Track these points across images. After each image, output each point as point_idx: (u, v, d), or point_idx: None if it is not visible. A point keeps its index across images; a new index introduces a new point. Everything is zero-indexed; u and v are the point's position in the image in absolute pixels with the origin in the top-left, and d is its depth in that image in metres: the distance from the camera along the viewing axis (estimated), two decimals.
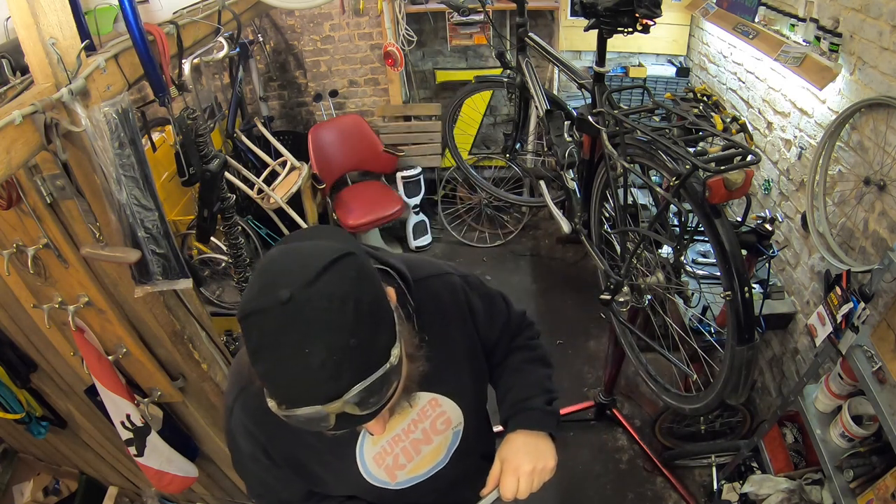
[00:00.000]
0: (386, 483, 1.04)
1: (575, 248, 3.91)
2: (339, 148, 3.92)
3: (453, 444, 1.08)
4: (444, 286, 1.02)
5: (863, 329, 1.42)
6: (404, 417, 1.00)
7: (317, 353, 0.64)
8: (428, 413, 1.02)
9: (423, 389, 0.93)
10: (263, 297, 0.66)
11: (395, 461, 1.02)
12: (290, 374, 0.65)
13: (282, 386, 0.68)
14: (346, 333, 0.65)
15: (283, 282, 0.66)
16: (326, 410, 0.66)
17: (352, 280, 0.68)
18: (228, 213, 2.54)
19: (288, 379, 0.66)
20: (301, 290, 0.65)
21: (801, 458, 2.02)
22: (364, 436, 0.98)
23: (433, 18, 3.95)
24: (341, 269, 0.68)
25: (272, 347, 0.65)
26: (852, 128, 1.83)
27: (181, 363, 1.38)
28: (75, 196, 1.02)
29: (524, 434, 1.02)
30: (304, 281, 0.65)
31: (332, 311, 0.65)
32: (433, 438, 1.04)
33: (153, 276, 1.09)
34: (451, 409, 1.04)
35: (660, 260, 1.74)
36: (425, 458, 1.05)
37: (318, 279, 0.66)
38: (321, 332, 0.64)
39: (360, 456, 0.99)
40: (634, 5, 1.60)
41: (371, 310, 0.68)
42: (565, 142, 2.31)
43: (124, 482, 2.27)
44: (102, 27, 1.13)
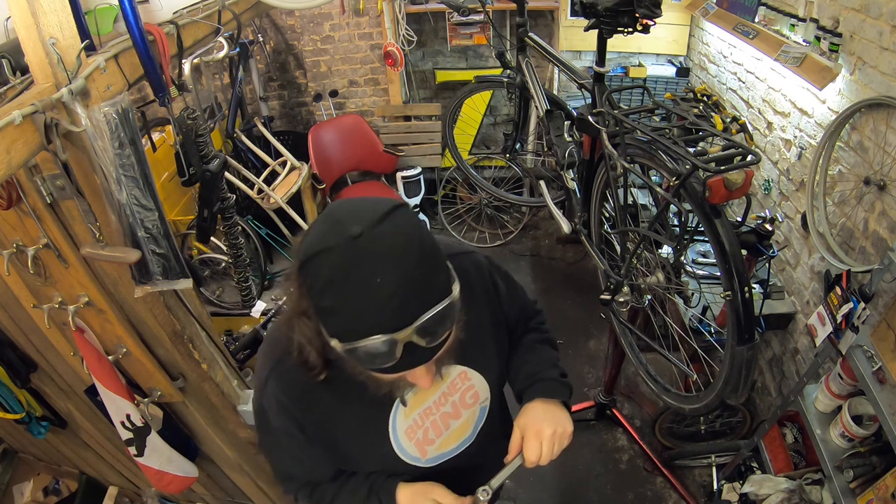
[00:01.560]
0: (416, 459, 1.06)
1: (575, 248, 3.91)
2: (339, 148, 3.92)
3: (480, 420, 1.11)
4: (471, 263, 1.05)
5: (863, 329, 1.42)
6: (435, 390, 1.03)
7: (387, 283, 0.67)
8: (458, 386, 1.05)
9: (455, 362, 0.99)
10: (332, 236, 0.70)
11: (425, 435, 1.04)
12: (361, 305, 0.68)
13: (352, 318, 0.70)
14: (413, 266, 0.69)
15: (352, 221, 0.69)
16: (397, 338, 0.69)
17: (414, 223, 0.74)
18: (228, 213, 2.55)
19: (359, 310, 0.68)
20: (371, 227, 0.69)
21: (801, 458, 2.02)
22: (397, 408, 1.00)
23: (433, 18, 3.95)
24: (404, 213, 0.74)
25: (342, 281, 0.68)
26: (852, 128, 1.83)
27: (181, 363, 1.38)
28: (75, 196, 1.02)
29: (542, 402, 1.06)
30: (373, 220, 0.70)
31: (401, 246, 0.70)
32: (462, 412, 1.07)
33: (153, 276, 1.09)
34: (479, 384, 1.07)
35: (660, 260, 1.74)
36: (454, 434, 1.08)
37: (386, 219, 0.70)
38: (391, 265, 0.68)
39: (394, 429, 1.01)
40: (634, 5, 1.60)
41: (433, 250, 0.74)
42: (565, 142, 2.31)
43: (124, 482, 2.27)
44: (102, 27, 1.13)
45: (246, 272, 2.95)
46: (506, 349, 1.15)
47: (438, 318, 0.71)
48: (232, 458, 1.76)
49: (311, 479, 1.09)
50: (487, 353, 1.09)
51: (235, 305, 3.46)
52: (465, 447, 1.11)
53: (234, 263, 2.87)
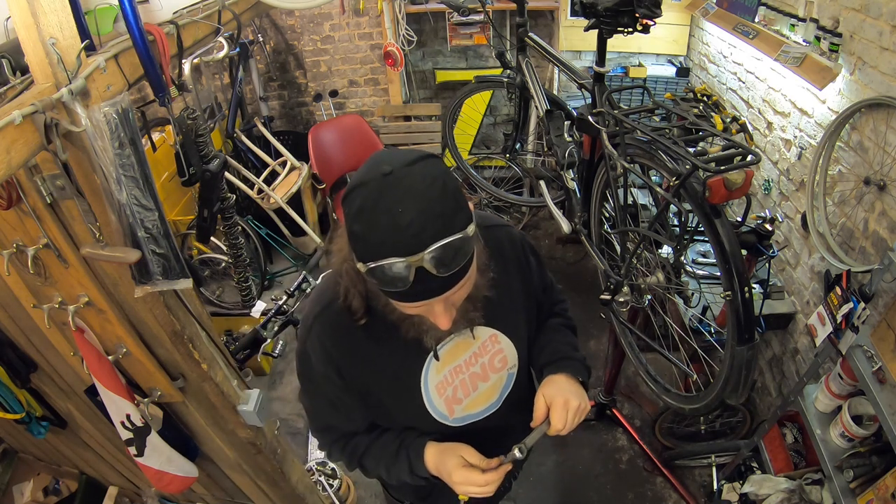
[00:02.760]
0: (444, 417, 1.12)
1: (575, 248, 3.91)
2: (339, 148, 3.92)
3: (507, 386, 1.17)
4: (507, 236, 1.13)
5: (863, 329, 1.42)
6: (467, 348, 1.09)
7: (407, 213, 0.75)
8: (488, 348, 1.12)
9: (486, 324, 1.07)
10: (369, 173, 0.79)
11: (454, 393, 1.10)
12: (382, 229, 0.76)
13: (373, 241, 0.78)
14: (433, 202, 0.77)
15: (387, 162, 0.79)
16: (410, 262, 0.76)
17: (442, 169, 0.82)
18: (228, 213, 2.55)
19: (380, 234, 0.77)
20: (400, 167, 0.78)
21: (801, 458, 2.02)
22: (430, 362, 1.06)
23: (433, 18, 3.95)
24: (435, 161, 0.83)
25: (370, 210, 0.77)
26: (852, 128, 1.83)
27: (181, 363, 1.38)
28: (75, 196, 1.02)
29: (566, 377, 1.12)
30: (404, 162, 0.79)
31: (425, 184, 0.78)
32: (490, 375, 1.14)
33: (153, 276, 1.09)
34: (508, 349, 1.14)
35: (660, 260, 1.74)
36: (481, 396, 1.14)
37: (416, 163, 0.80)
38: (413, 198, 0.76)
39: (426, 382, 1.07)
40: (634, 5, 1.60)
41: (455, 193, 0.81)
42: (565, 142, 2.31)
43: (124, 482, 2.27)
44: (102, 27, 1.13)
45: (246, 272, 2.96)
46: (534, 321, 1.21)
47: (450, 249, 0.77)
48: (232, 458, 1.76)
49: (347, 429, 1.16)
50: (518, 320, 1.15)
51: (235, 305, 3.46)
52: (491, 411, 1.17)
53: (234, 263, 2.87)
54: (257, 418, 1.53)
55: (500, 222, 1.16)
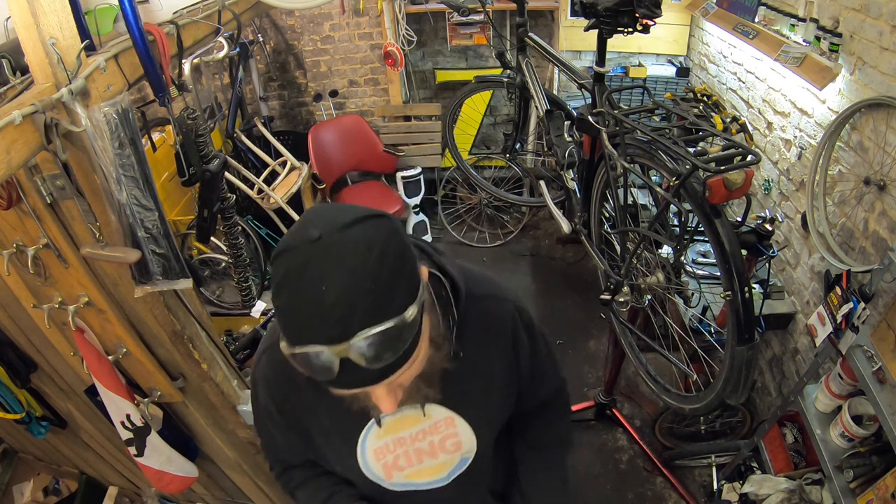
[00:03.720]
0: (380, 479, 1.03)
1: (575, 248, 3.91)
2: (339, 148, 3.92)
3: (458, 468, 1.05)
4: (498, 310, 0.98)
5: (863, 329, 1.42)
6: (415, 424, 0.98)
7: (332, 290, 0.64)
8: (440, 429, 0.99)
9: (445, 405, 0.95)
10: (296, 237, 0.68)
11: (394, 461, 1.01)
12: (303, 309, 0.66)
13: (293, 321, 0.68)
14: (364, 278, 0.65)
15: (318, 224, 0.68)
16: (331, 352, 0.66)
17: (384, 235, 0.69)
18: (228, 213, 2.54)
19: (300, 314, 0.66)
20: (331, 232, 0.66)
21: (801, 458, 2.02)
22: (371, 426, 0.97)
23: (433, 18, 3.95)
24: (376, 224, 0.69)
25: (293, 282, 0.66)
26: (852, 128, 1.83)
27: (181, 363, 1.38)
28: (75, 196, 1.02)
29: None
30: (336, 226, 0.67)
31: (357, 254, 0.66)
32: (438, 455, 1.02)
33: (153, 276, 1.09)
34: (465, 435, 1.01)
35: (660, 260, 1.74)
36: (425, 471, 1.04)
37: (351, 227, 0.67)
38: (341, 272, 0.65)
39: (363, 444, 0.98)
40: (634, 5, 1.60)
41: (395, 265, 0.68)
42: (565, 142, 2.31)
43: (124, 482, 2.27)
44: (102, 27, 1.13)
45: (246, 272, 2.95)
46: (512, 408, 1.07)
47: (383, 338, 0.66)
48: (232, 458, 1.76)
49: (286, 459, 1.12)
50: (487, 404, 1.01)
51: (235, 305, 3.46)
52: (437, 486, 1.06)
53: (234, 263, 2.87)
54: None
55: (500, 294, 1.00)
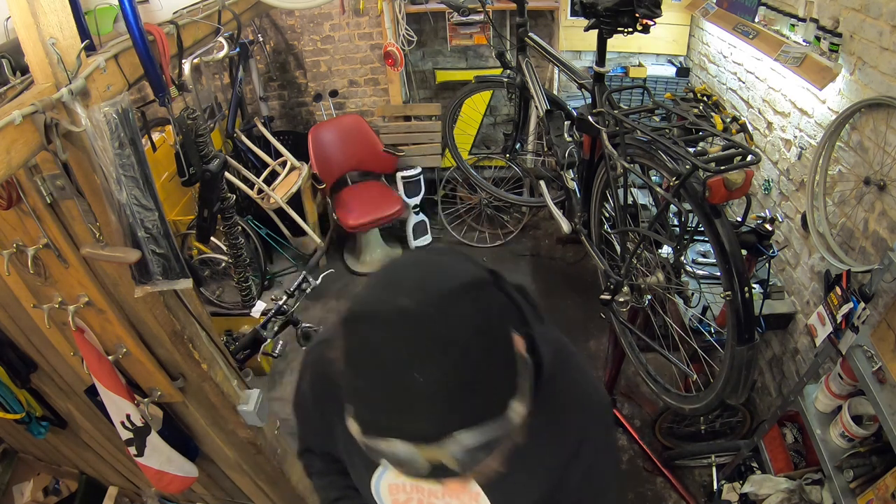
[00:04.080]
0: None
1: (575, 248, 3.91)
2: (339, 148, 3.92)
3: None
4: (576, 409, 0.82)
5: (863, 329, 1.42)
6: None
7: (427, 378, 0.52)
8: (463, 499, 0.88)
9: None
10: (380, 301, 0.56)
11: (406, 501, 0.93)
12: (388, 397, 0.55)
13: (373, 408, 0.56)
14: (464, 365, 0.54)
15: (408, 290, 0.56)
16: (421, 454, 0.54)
17: (492, 311, 0.57)
18: (228, 213, 2.54)
19: (383, 400, 0.55)
20: (427, 303, 0.54)
21: (801, 458, 2.02)
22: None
23: (433, 18, 3.95)
24: (481, 296, 0.57)
25: (374, 359, 0.55)
26: (852, 128, 1.83)
27: (181, 363, 1.38)
28: (75, 196, 1.02)
29: None
30: (433, 295, 0.55)
31: (458, 335, 0.54)
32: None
33: (153, 276, 1.09)
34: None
35: (660, 260, 1.74)
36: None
37: (448, 297, 0.55)
38: (436, 356, 0.53)
39: (381, 474, 0.91)
40: (634, 5, 1.61)
41: (497, 349, 0.57)
42: (565, 142, 2.31)
43: (124, 482, 2.27)
44: (102, 27, 1.13)
45: (246, 272, 2.95)
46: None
47: (483, 441, 0.55)
48: (232, 458, 1.76)
49: (308, 442, 1.08)
50: (519, 501, 0.87)
51: (235, 305, 3.46)
52: None
53: (234, 263, 2.87)
54: (257, 418, 1.53)
55: (591, 392, 0.84)
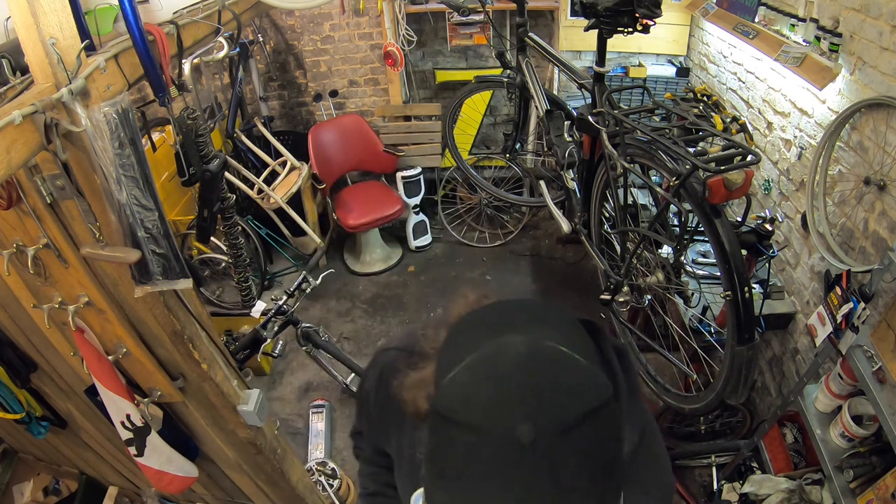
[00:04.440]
0: None
1: (575, 248, 3.91)
2: (339, 148, 3.92)
3: None
4: (662, 486, 0.78)
5: (863, 329, 1.42)
6: None
7: None
8: None
9: None
10: (494, 417, 0.48)
11: None
12: None
13: None
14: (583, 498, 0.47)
15: (531, 414, 0.47)
16: None
17: (610, 437, 0.50)
18: (228, 213, 2.54)
19: None
20: (550, 435, 0.46)
21: (801, 458, 2.02)
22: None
23: (433, 18, 3.95)
24: (603, 418, 0.49)
25: (476, 489, 0.47)
26: (852, 128, 1.83)
27: (181, 363, 1.38)
28: (75, 196, 1.02)
29: None
30: (558, 426, 0.47)
31: (577, 475, 0.47)
32: None
33: (153, 276, 1.09)
34: None
35: (660, 260, 1.74)
36: None
37: (576, 429, 0.47)
38: (552, 496, 0.46)
39: (420, 496, 0.86)
40: (634, 5, 1.61)
41: (611, 478, 0.50)
42: (565, 142, 2.31)
43: (124, 482, 2.27)
44: (102, 27, 1.13)
45: (246, 272, 2.95)
46: None
47: None
48: (232, 458, 1.76)
49: (359, 430, 1.12)
50: None
51: (235, 305, 3.46)
52: None
53: (234, 263, 2.87)
54: (257, 418, 1.53)
55: (666, 460, 0.81)
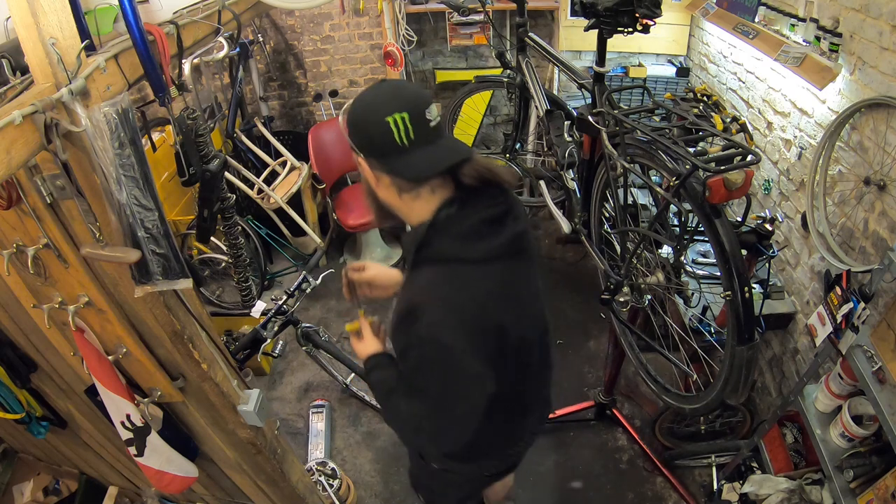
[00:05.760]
0: None
1: (575, 248, 3.91)
2: (339, 148, 3.91)
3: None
4: (427, 293, 1.09)
5: (863, 329, 1.42)
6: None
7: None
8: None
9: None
10: (384, 107, 1.01)
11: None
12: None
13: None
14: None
15: (400, 102, 1.00)
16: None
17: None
18: (228, 213, 2.55)
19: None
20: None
21: (801, 458, 2.02)
22: None
23: (433, 18, 3.95)
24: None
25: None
26: (852, 128, 1.83)
27: (181, 363, 1.38)
28: (75, 196, 1.02)
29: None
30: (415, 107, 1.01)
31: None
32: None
33: (153, 276, 1.09)
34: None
35: (660, 260, 1.74)
36: None
37: (429, 107, 1.03)
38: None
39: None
40: (634, 5, 1.60)
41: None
42: (565, 142, 2.31)
43: (124, 482, 2.27)
44: (102, 27, 1.13)
45: (246, 272, 2.96)
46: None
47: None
48: (232, 458, 1.76)
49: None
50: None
51: (235, 305, 3.46)
52: None
53: (234, 263, 2.87)
54: (257, 418, 1.53)
55: (440, 283, 1.08)
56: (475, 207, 1.08)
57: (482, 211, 1.08)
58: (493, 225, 1.08)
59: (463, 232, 1.07)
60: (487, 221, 1.08)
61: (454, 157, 1.04)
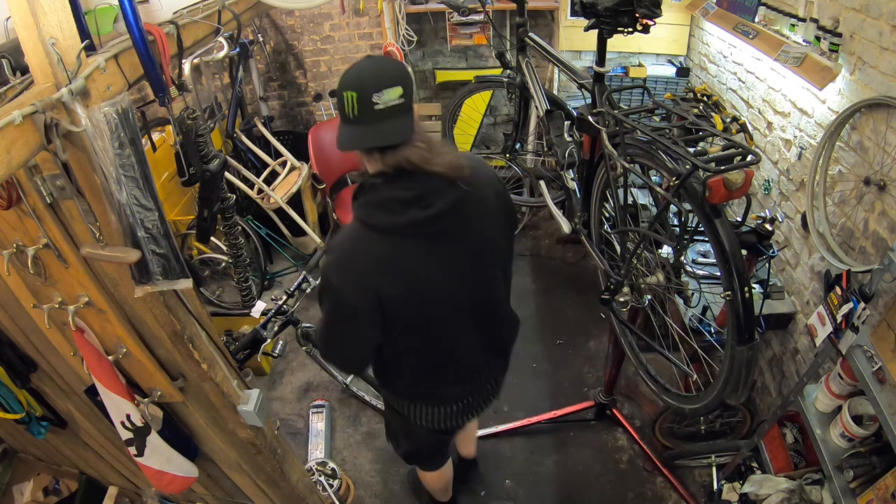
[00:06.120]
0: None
1: (575, 248, 3.91)
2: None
3: None
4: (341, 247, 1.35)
5: (863, 329, 1.43)
6: None
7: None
8: None
9: None
10: (360, 82, 1.18)
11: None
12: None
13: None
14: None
15: (377, 78, 1.18)
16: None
17: (413, 89, 1.13)
18: (228, 213, 2.55)
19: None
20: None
21: (801, 458, 2.02)
22: None
23: (433, 18, 3.95)
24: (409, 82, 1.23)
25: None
26: (852, 128, 1.83)
27: (181, 363, 1.37)
28: (75, 196, 1.02)
29: None
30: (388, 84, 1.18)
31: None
32: None
33: (153, 276, 1.09)
34: None
35: (660, 260, 1.74)
36: None
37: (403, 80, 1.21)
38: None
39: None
40: (634, 5, 1.60)
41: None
42: (565, 142, 2.31)
43: (124, 482, 2.27)
44: (102, 27, 1.13)
45: (246, 272, 2.96)
46: None
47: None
48: (232, 458, 1.76)
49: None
50: None
51: (235, 305, 3.46)
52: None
53: (234, 263, 2.87)
54: (257, 418, 1.53)
55: (348, 237, 1.35)
56: (393, 185, 1.25)
57: (396, 191, 1.25)
58: (403, 204, 1.25)
59: (372, 201, 1.28)
60: (397, 200, 1.25)
61: (376, 142, 1.21)
